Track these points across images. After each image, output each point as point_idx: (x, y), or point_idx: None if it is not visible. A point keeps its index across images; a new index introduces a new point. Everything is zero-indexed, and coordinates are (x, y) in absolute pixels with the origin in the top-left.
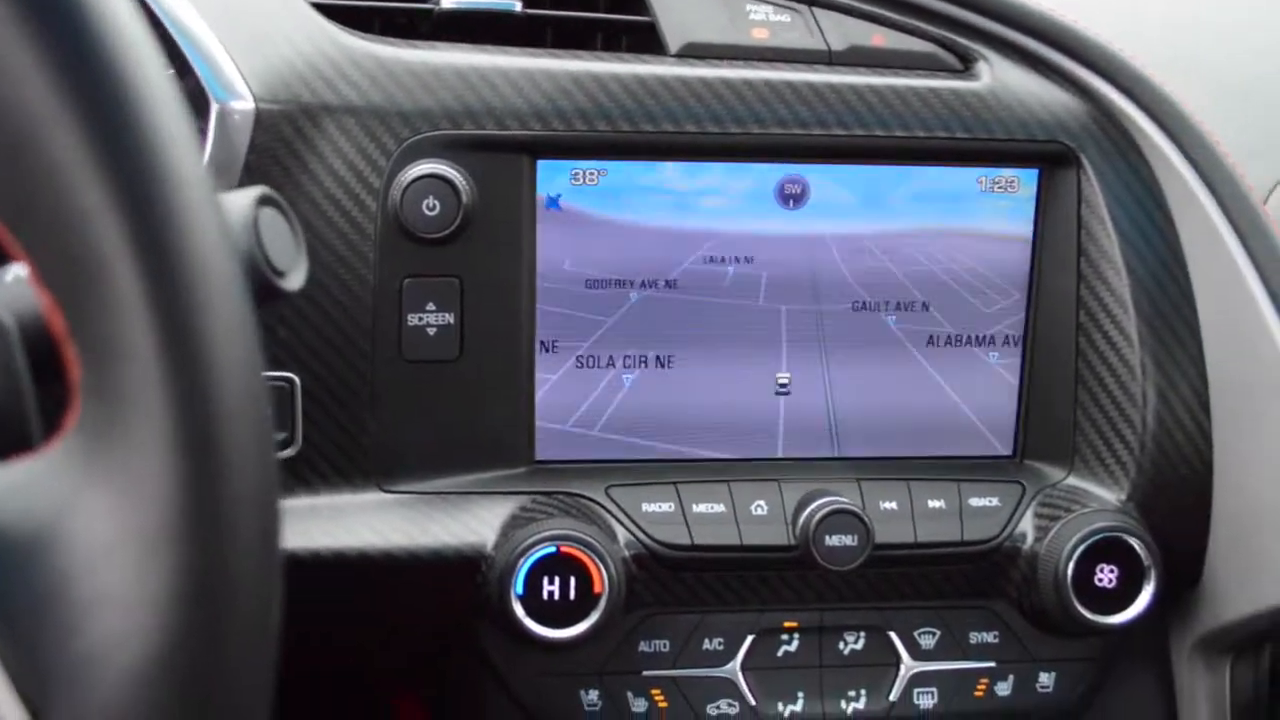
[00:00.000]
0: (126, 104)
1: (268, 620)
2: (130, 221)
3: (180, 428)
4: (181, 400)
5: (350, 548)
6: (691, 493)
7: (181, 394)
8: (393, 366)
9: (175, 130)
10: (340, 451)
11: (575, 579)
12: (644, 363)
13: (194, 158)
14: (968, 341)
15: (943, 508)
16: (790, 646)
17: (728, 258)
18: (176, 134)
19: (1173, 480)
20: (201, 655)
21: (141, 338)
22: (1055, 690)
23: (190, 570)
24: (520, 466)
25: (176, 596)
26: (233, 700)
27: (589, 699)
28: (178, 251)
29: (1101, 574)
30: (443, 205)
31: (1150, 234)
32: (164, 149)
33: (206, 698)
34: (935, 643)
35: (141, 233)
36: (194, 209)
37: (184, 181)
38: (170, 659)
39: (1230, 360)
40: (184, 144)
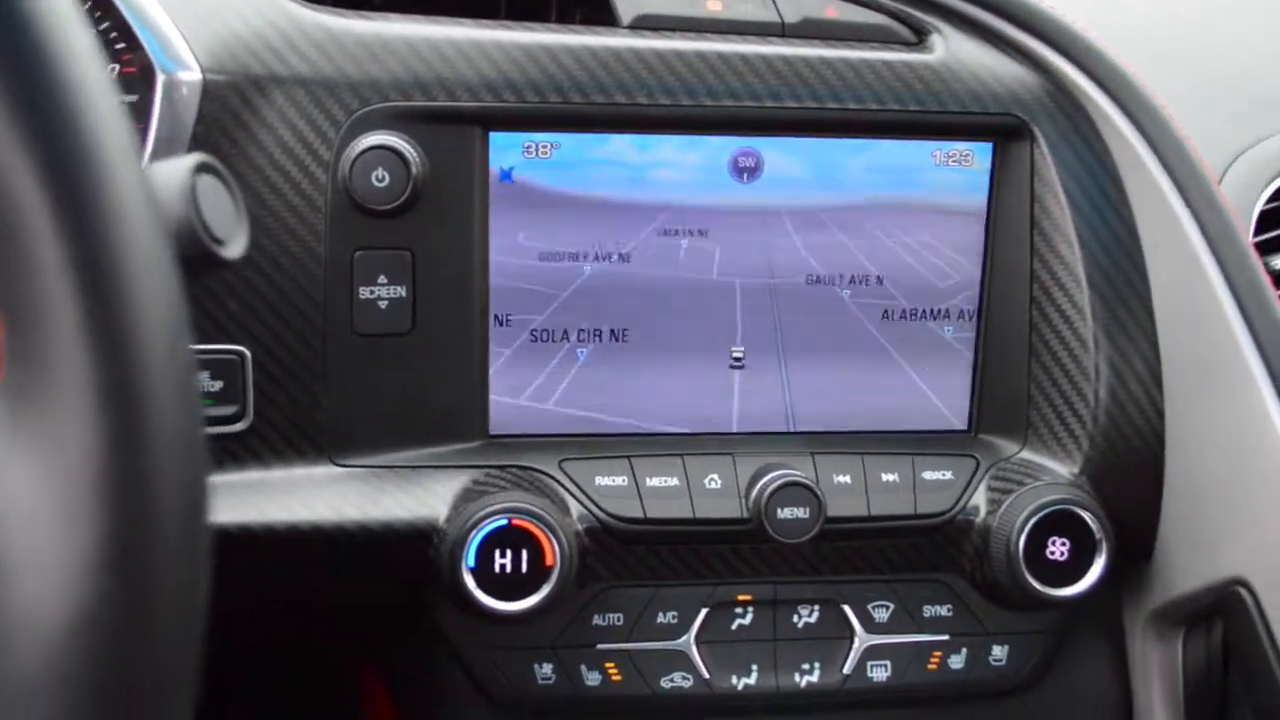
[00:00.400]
0: (44, 64)
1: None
2: (49, 184)
3: (102, 392)
4: (103, 364)
5: (303, 521)
6: (645, 466)
7: (103, 358)
8: (344, 340)
9: (95, 91)
10: (292, 425)
11: (527, 552)
12: (598, 336)
13: (115, 119)
14: (922, 315)
15: (896, 481)
16: (744, 620)
17: (681, 231)
18: (96, 95)
19: (1125, 454)
20: (123, 622)
21: (63, 302)
22: (1008, 663)
23: (111, 535)
24: (474, 440)
25: (97, 561)
26: (156, 670)
27: (543, 672)
28: (98, 215)
29: (1053, 547)
30: (392, 177)
31: (1103, 208)
32: (82, 110)
33: (128, 666)
34: (889, 616)
35: (61, 196)
36: (114, 171)
37: (103, 143)
38: (90, 625)
39: (1183, 334)
40: (104, 105)
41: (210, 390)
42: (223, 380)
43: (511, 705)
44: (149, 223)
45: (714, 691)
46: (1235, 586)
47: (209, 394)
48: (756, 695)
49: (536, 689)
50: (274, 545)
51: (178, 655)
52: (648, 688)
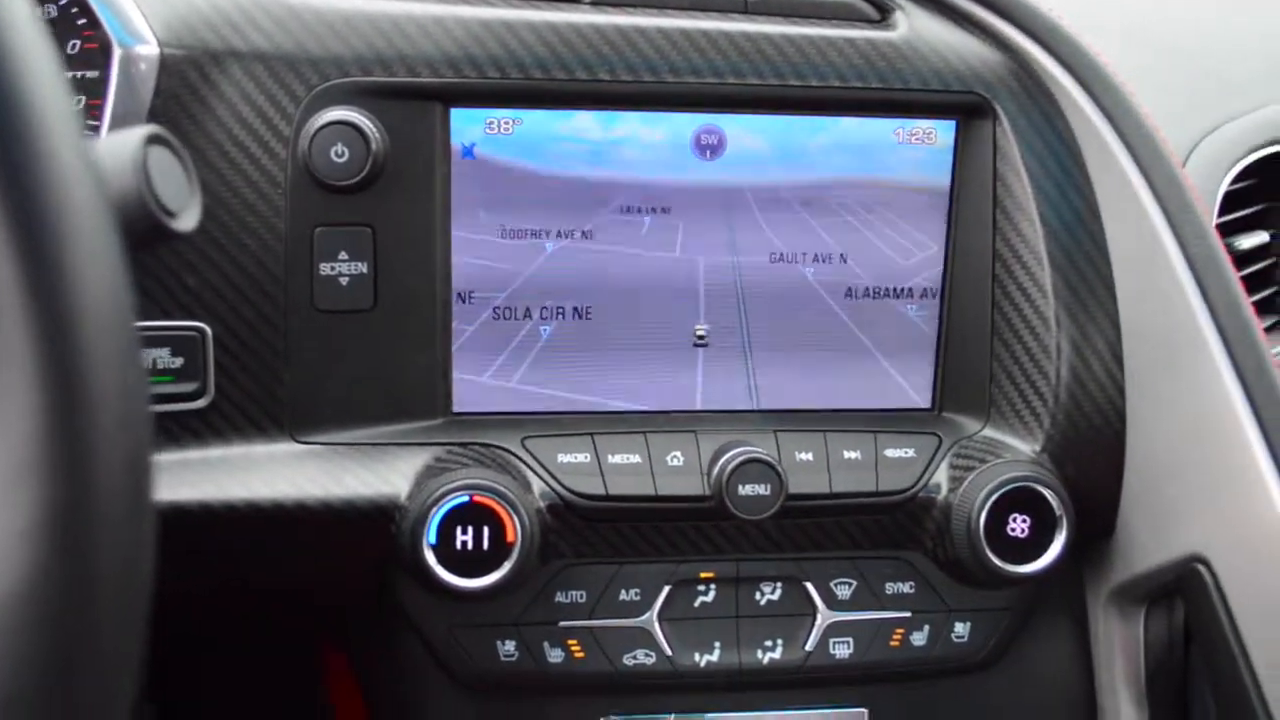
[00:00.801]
0: None
1: (137, 564)
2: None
3: (42, 364)
4: (44, 337)
5: (264, 498)
6: (607, 443)
7: (44, 331)
8: (305, 316)
9: (33, 61)
10: (253, 402)
11: (488, 529)
12: (561, 314)
13: (55, 90)
14: (885, 294)
15: (858, 459)
16: (707, 597)
17: (644, 208)
18: (34, 65)
19: (1086, 431)
20: (63, 596)
21: (1, 274)
22: (970, 640)
23: (51, 508)
24: (437, 418)
25: (37, 534)
26: (99, 644)
27: (505, 649)
28: (37, 186)
29: (1014, 524)
30: (351, 152)
31: (1065, 187)
32: (19, 80)
33: (69, 639)
34: (851, 593)
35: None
36: (54, 143)
37: (43, 114)
38: (30, 598)
39: (1143, 313)
40: (43, 76)
41: (171, 367)
42: (183, 357)
43: (474, 682)
44: (91, 194)
45: (676, 668)
46: (1195, 563)
47: (169, 370)
48: (719, 672)
49: (499, 666)
50: (234, 523)
51: (120, 629)
52: (610, 665)
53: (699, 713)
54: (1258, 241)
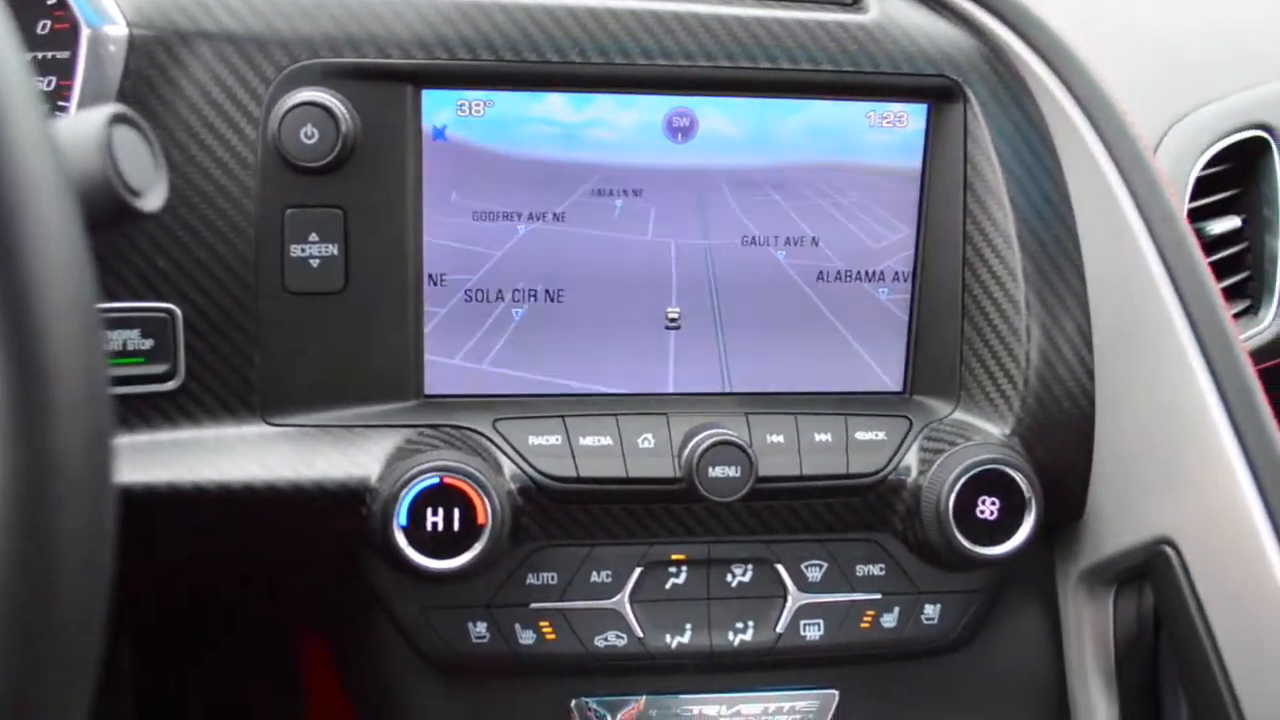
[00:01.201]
0: None
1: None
2: None
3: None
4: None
5: (234, 480)
6: (579, 426)
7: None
8: (276, 298)
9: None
10: (224, 384)
11: (459, 510)
12: (533, 296)
13: (13, 67)
14: (857, 277)
15: (829, 441)
16: (678, 579)
17: (616, 190)
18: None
19: (1056, 414)
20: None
21: None
22: (940, 622)
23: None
24: (408, 400)
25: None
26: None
27: (477, 631)
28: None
29: (983, 506)
30: (321, 134)
31: (1036, 171)
32: None
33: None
34: (822, 575)
35: None
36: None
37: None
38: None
39: (1113, 296)
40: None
41: (141, 348)
42: (153, 338)
43: (445, 663)
44: (50, 173)
45: (648, 650)
46: (1162, 546)
47: (139, 352)
48: (690, 654)
49: (470, 647)
50: (205, 504)
51: (81, 607)
52: (581, 646)
53: (670, 694)
54: (1229, 226)
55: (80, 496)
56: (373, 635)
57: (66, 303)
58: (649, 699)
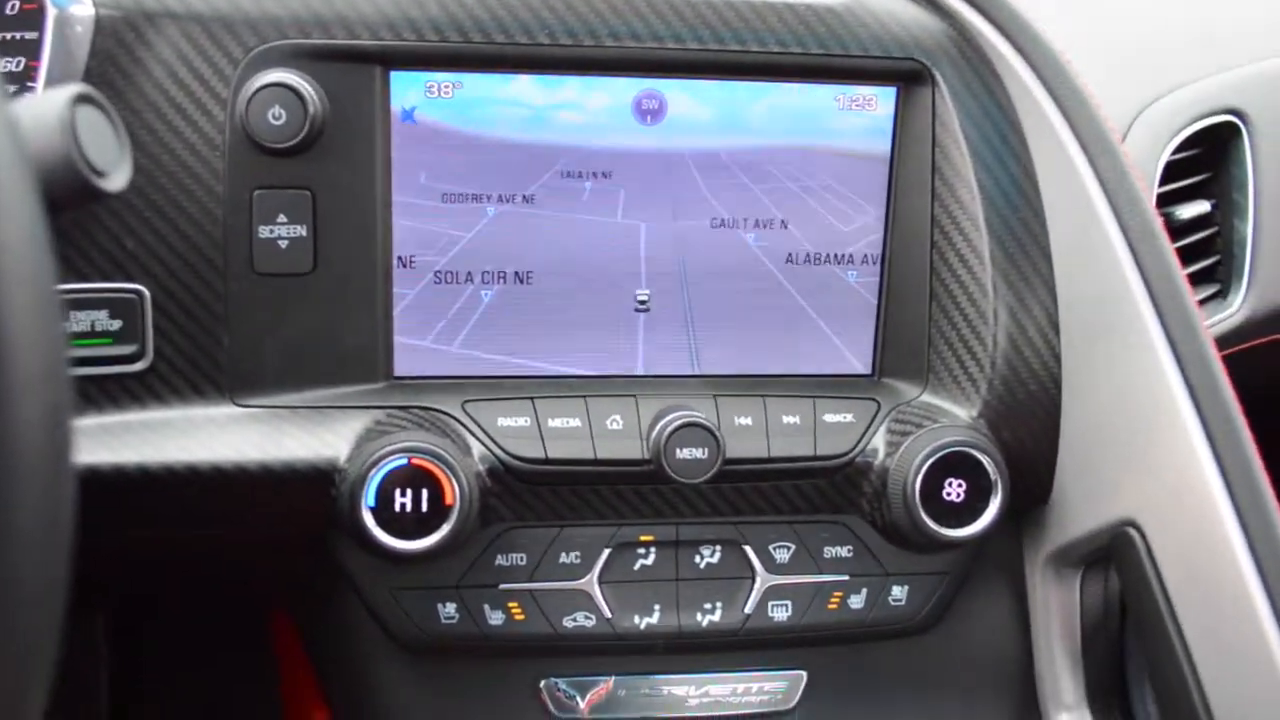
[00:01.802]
0: None
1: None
2: None
3: None
4: None
5: (203, 461)
6: (548, 407)
7: None
8: (244, 279)
9: None
10: (193, 365)
11: (427, 491)
12: (503, 278)
13: None
14: (826, 260)
15: (797, 423)
16: (647, 560)
17: (585, 173)
18: None
19: (1022, 397)
20: None
21: None
22: (907, 603)
23: None
24: (378, 381)
25: None
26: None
27: (446, 611)
28: None
29: (949, 488)
30: (289, 115)
31: (1003, 155)
32: None
33: None
34: (790, 556)
35: None
36: None
37: None
38: None
39: (1079, 281)
40: None
41: (109, 329)
42: (122, 319)
43: (415, 644)
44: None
45: (616, 630)
46: (1126, 528)
47: (108, 333)
48: (658, 634)
49: (440, 628)
50: (173, 485)
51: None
52: (550, 627)
53: (639, 675)
54: (1198, 211)
55: (38, 473)
56: (342, 616)
57: (24, 280)
58: (618, 679)
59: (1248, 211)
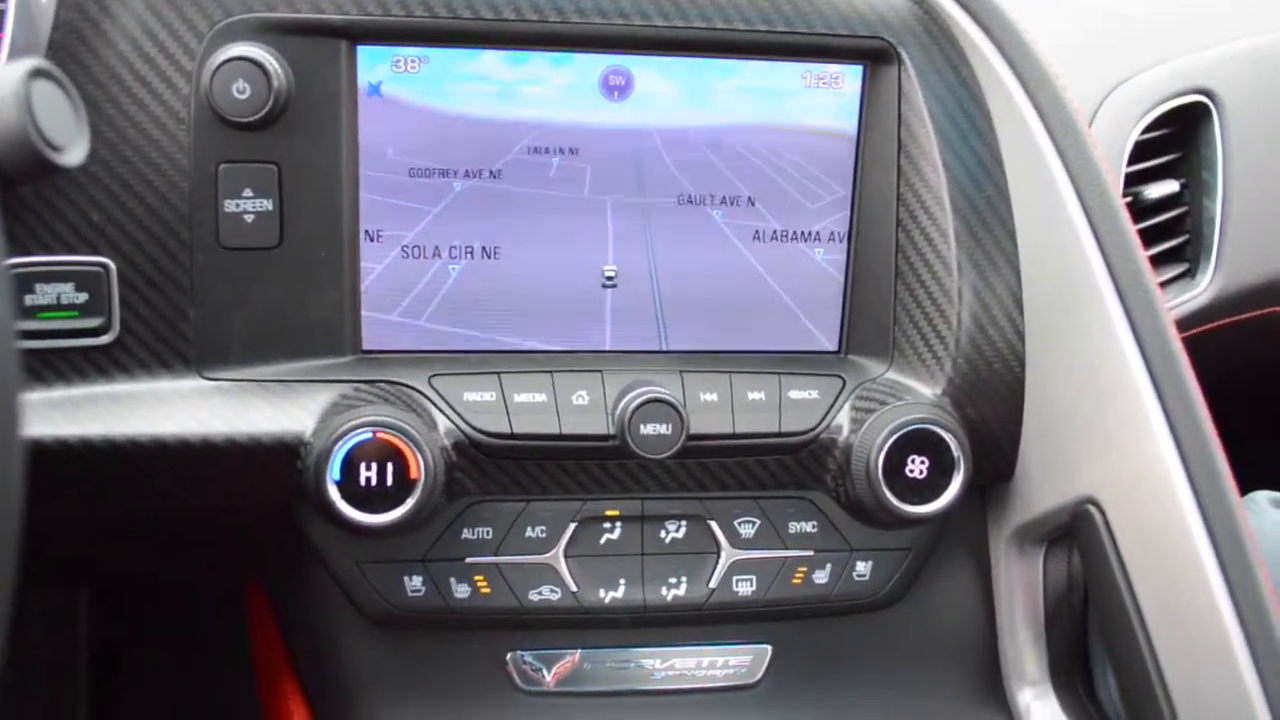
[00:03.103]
0: None
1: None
2: None
3: None
4: None
5: (168, 434)
6: (514, 382)
7: None
8: (210, 253)
9: None
10: (158, 338)
11: (392, 465)
12: (470, 253)
13: None
14: (793, 237)
15: (762, 400)
16: (612, 534)
17: (552, 149)
18: None
19: (986, 375)
20: None
21: None
22: (871, 578)
23: None
24: (345, 355)
25: None
26: None
27: (412, 585)
28: None
29: (913, 465)
30: (253, 89)
31: (969, 134)
32: None
33: None
34: (755, 532)
35: None
36: None
37: None
38: None
39: (1043, 260)
40: None
41: (75, 302)
42: (87, 292)
43: (381, 617)
44: None
45: (582, 604)
46: (1087, 506)
47: (73, 306)
48: (624, 608)
49: (406, 601)
50: (139, 458)
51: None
52: (516, 600)
53: (605, 648)
54: (1167, 191)
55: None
56: (310, 588)
57: None
58: (584, 652)
59: (1216, 191)
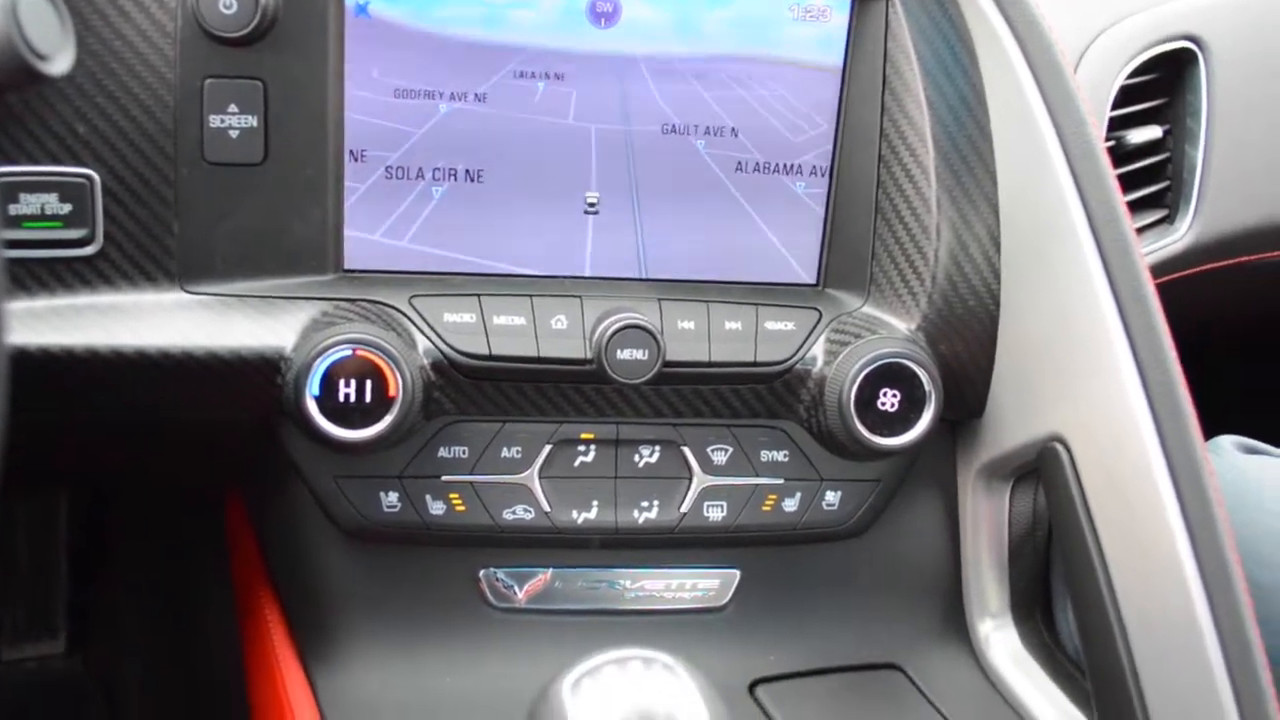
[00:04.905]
0: None
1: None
2: None
3: None
4: None
5: (151, 346)
6: (493, 305)
7: None
8: (195, 168)
9: None
10: (142, 251)
11: (370, 383)
12: (453, 176)
13: None
14: (775, 170)
15: (739, 329)
16: (587, 457)
17: (538, 74)
18: None
19: (961, 312)
20: None
21: None
22: (840, 508)
23: None
24: (327, 273)
25: None
26: None
27: (388, 500)
28: None
29: (884, 398)
30: (240, 4)
31: (954, 72)
32: None
33: None
34: (727, 459)
35: None
36: None
37: None
38: None
39: (1022, 202)
40: None
41: (59, 213)
42: (71, 203)
43: (357, 531)
44: None
45: (555, 524)
46: (1054, 443)
47: (57, 216)
48: (595, 529)
49: (382, 516)
50: (122, 369)
51: None
52: (490, 518)
53: (576, 567)
54: (1149, 136)
55: None
56: (289, 501)
57: None
58: (555, 571)
59: (1199, 138)
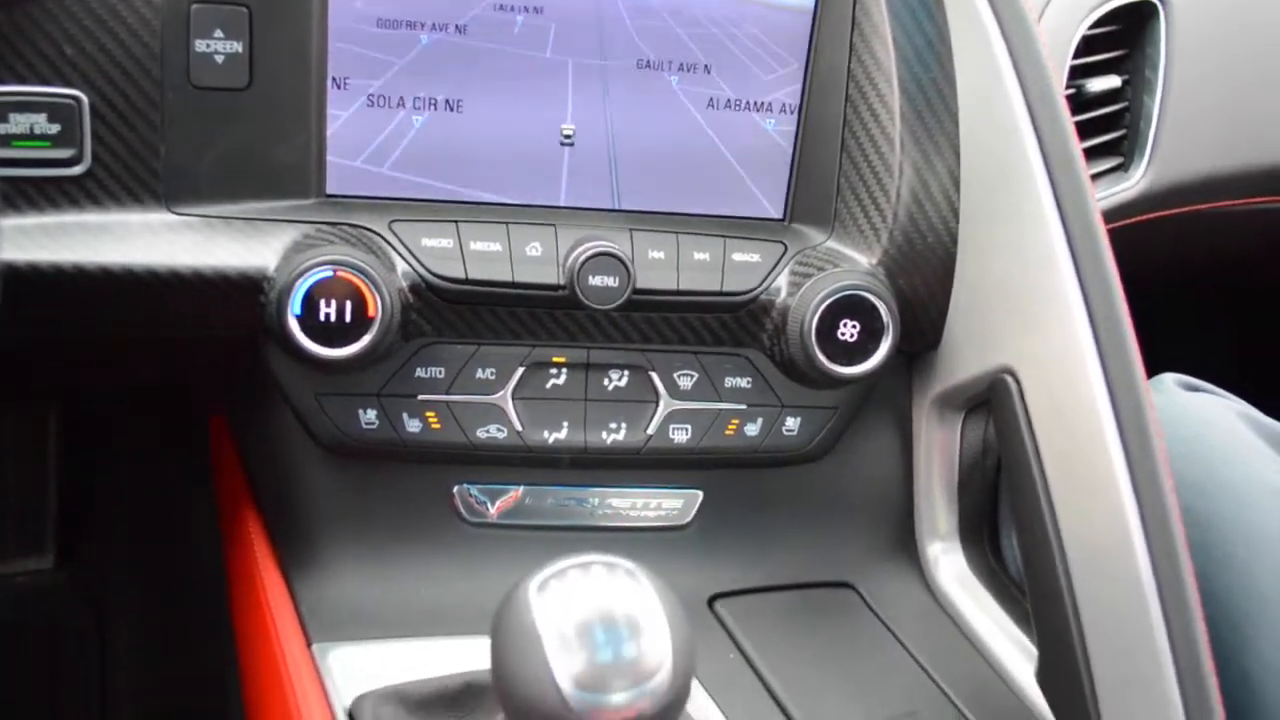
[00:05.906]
0: None
1: None
2: None
3: None
4: None
5: (138, 264)
6: (471, 231)
7: None
8: (181, 91)
9: None
10: (129, 171)
11: (350, 303)
12: (433, 105)
13: None
14: (746, 107)
15: (707, 260)
16: (558, 380)
17: (517, 6)
18: None
19: (920, 248)
20: None
21: None
22: (799, 433)
23: None
24: (310, 198)
25: None
26: None
27: (366, 418)
28: None
29: (844, 329)
30: None
31: (921, 16)
32: None
33: None
34: (693, 384)
35: None
36: None
37: None
38: None
39: (982, 142)
40: None
41: (47, 133)
42: (60, 124)
43: (336, 447)
44: None
45: (526, 443)
46: (1005, 375)
47: (45, 136)
48: (565, 449)
49: (360, 433)
50: (109, 286)
51: None
52: (464, 436)
53: (545, 485)
54: (1108, 86)
55: None
56: (271, 419)
57: None
58: (526, 488)
59: (1156, 89)
